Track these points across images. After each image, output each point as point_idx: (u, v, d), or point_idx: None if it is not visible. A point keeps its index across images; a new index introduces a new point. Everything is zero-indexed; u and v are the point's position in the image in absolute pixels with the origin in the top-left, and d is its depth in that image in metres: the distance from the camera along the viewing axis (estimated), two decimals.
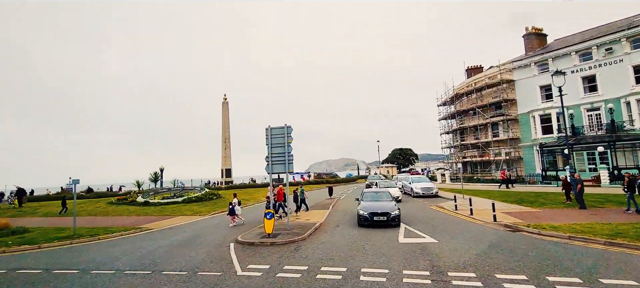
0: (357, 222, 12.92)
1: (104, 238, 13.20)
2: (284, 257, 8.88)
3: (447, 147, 45.27)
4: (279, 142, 12.78)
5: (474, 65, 45.53)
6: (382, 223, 12.21)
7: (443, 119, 44.98)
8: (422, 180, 25.97)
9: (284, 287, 6.60)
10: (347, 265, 7.84)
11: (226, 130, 47.06)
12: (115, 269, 8.41)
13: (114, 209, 22.78)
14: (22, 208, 25.31)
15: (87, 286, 7.19)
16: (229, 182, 45.38)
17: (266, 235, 11.11)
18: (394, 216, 12.35)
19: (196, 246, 10.81)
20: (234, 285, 6.83)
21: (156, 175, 32.25)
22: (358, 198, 15.11)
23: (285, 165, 12.66)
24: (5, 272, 8.67)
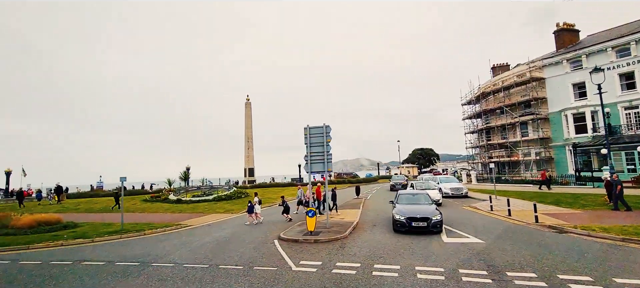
0: (392, 227, 11.90)
1: (149, 234, 13.77)
2: (332, 254, 9.05)
3: (471, 147, 44.36)
4: (317, 141, 12.98)
5: (500, 63, 44.46)
6: (421, 229, 11.06)
7: (467, 118, 44.09)
8: (451, 181, 25.64)
9: (342, 282, 6.75)
10: (399, 263, 7.92)
11: (248, 130, 47.80)
12: (173, 262, 8.81)
13: (149, 206, 23.65)
14: (62, 205, 26.63)
15: (153, 277, 7.58)
16: (252, 181, 46.09)
17: (308, 232, 11.32)
18: (435, 222, 11.10)
19: (241, 242, 11.13)
20: (293, 280, 7.04)
21: (185, 174, 33.27)
22: (392, 201, 14.11)
23: (324, 165, 12.85)
24: (71, 263, 9.24)
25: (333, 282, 6.80)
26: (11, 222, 13.98)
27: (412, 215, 11.29)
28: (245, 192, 29.30)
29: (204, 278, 7.40)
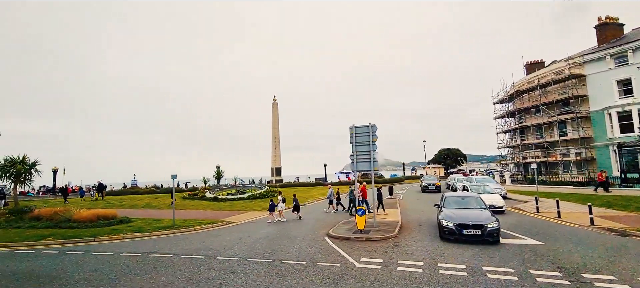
0: (439, 234, 10.63)
1: (199, 229, 14.35)
2: (390, 252, 9.13)
3: (504, 147, 43.00)
4: (363, 140, 13.09)
5: (534, 60, 42.85)
6: (474, 238, 9.72)
7: (499, 118, 42.75)
8: (488, 181, 24.98)
9: (412, 280, 6.84)
10: (463, 262, 7.91)
11: (276, 130, 48.57)
12: (236, 256, 9.19)
13: (189, 203, 24.56)
14: (107, 201, 28.08)
15: (224, 270, 7.95)
16: (279, 181, 46.76)
17: (358, 231, 11.44)
18: (491, 230, 9.59)
19: (292, 239, 11.39)
20: (361, 276, 7.20)
21: (219, 173, 34.32)
22: (437, 204, 12.80)
23: (370, 163, 12.94)
24: (140, 255, 9.82)
25: (403, 279, 6.90)
26: (74, 216, 14.97)
27: (463, 221, 10.03)
28: (279, 191, 29.79)
29: (273, 272, 7.68)
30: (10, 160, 16.25)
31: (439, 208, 12.11)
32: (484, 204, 11.84)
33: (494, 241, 9.64)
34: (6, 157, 16.35)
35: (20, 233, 13.31)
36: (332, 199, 19.16)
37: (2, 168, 15.95)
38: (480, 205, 11.67)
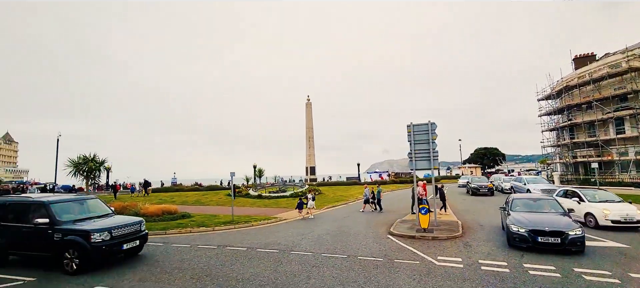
0: (508, 240, 9.57)
1: (256, 225, 14.86)
2: (465, 252, 9.04)
3: (551, 146, 40.81)
4: (422, 138, 12.97)
5: (583, 54, 40.33)
6: (551, 247, 8.62)
7: (545, 115, 40.63)
8: (539, 181, 23.85)
9: (504, 279, 6.75)
10: (550, 263, 7.68)
11: (309, 130, 49.02)
12: (309, 251, 9.47)
13: (235, 201, 25.39)
14: (160, 197, 29.68)
15: (306, 263, 8.24)
16: (314, 180, 47.17)
17: (422, 229, 11.38)
18: (574, 238, 8.44)
19: (354, 236, 11.53)
20: (447, 273, 7.21)
21: (260, 171, 35.34)
22: (504, 207, 11.70)
23: (429, 162, 12.81)
24: (216, 247, 10.37)
25: (493, 278, 6.83)
26: (141, 210, 16.02)
27: (538, 227, 8.91)
28: (319, 189, 30.17)
29: (354, 267, 7.86)
30: (84, 158, 17.69)
31: (505, 211, 11.12)
32: (561, 208, 10.63)
33: (578, 251, 8.58)
34: (79, 156, 17.81)
35: None
36: (367, 199, 19.18)
37: (77, 165, 17.38)
38: (557, 209, 10.49)
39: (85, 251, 7.80)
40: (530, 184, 22.86)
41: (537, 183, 22.88)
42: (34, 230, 8.30)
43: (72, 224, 8.31)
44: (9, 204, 9.15)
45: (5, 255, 8.82)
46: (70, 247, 7.88)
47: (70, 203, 9.25)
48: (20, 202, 9.19)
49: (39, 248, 8.34)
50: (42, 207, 8.59)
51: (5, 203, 9.21)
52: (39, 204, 8.70)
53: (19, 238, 8.60)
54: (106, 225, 8.46)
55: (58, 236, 8.07)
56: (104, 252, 7.97)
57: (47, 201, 8.71)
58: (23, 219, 8.64)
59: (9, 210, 8.99)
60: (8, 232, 8.75)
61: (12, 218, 8.82)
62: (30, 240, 8.44)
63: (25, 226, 8.50)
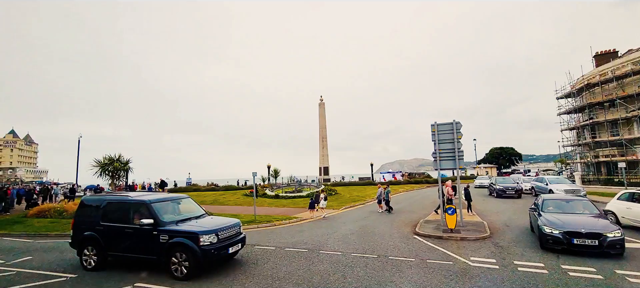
0: (540, 242, 9.23)
1: (279, 225, 14.97)
2: (497, 252, 8.92)
3: (571, 145, 39.81)
4: (446, 138, 12.86)
5: (604, 50, 39.17)
6: (588, 249, 8.31)
7: (565, 113, 39.63)
8: (562, 182, 23.28)
9: (544, 281, 6.64)
10: (590, 265, 7.50)
11: (323, 130, 49.09)
12: (338, 251, 9.51)
13: (252, 201, 25.65)
14: None
15: (336, 263, 8.27)
16: (327, 180, 47.19)
17: (448, 230, 11.27)
18: (612, 241, 8.13)
19: (380, 236, 11.50)
20: (484, 273, 7.14)
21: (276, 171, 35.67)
22: (533, 207, 11.24)
23: (454, 161, 12.69)
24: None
25: (533, 279, 6.74)
26: None
27: (573, 228, 8.60)
28: (335, 190, 30.16)
29: (387, 267, 7.86)
30: (109, 159, 18.14)
31: (535, 212, 10.67)
32: (595, 209, 10.24)
33: (617, 253, 8.23)
34: (105, 156, 18.29)
35: None
36: (381, 199, 19.16)
37: (103, 166, 17.84)
38: (592, 210, 10.10)
39: (195, 255, 7.21)
40: (552, 184, 22.29)
41: (560, 184, 22.30)
42: (137, 231, 7.85)
43: (175, 225, 7.80)
44: (107, 203, 8.65)
45: (105, 256, 8.27)
46: (178, 250, 7.36)
47: (168, 203, 8.72)
48: (119, 201, 8.64)
49: (143, 250, 7.81)
50: (143, 207, 8.09)
51: (102, 202, 8.73)
52: (140, 203, 8.21)
53: (120, 239, 8.11)
54: (212, 226, 7.85)
55: (164, 238, 7.54)
56: (213, 256, 7.40)
57: (149, 200, 8.19)
58: (124, 219, 8.16)
59: (108, 210, 8.52)
60: (108, 232, 8.27)
61: (111, 218, 8.36)
62: (133, 242, 7.94)
63: (128, 227, 8.01)
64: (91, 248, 8.37)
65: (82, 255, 8.47)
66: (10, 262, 9.50)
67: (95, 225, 8.45)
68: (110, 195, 9.16)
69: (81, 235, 8.55)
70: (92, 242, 8.36)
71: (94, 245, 8.34)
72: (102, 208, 8.60)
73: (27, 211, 18.76)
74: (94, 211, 8.70)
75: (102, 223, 8.38)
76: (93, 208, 8.81)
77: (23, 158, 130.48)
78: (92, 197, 9.41)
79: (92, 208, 8.85)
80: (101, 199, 8.91)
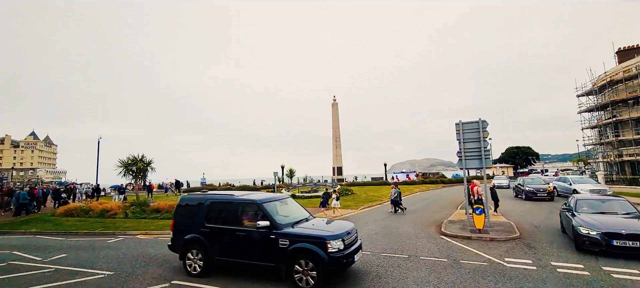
0: (575, 243, 8.98)
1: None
2: (531, 253, 8.75)
3: (592, 144, 38.72)
4: (472, 137, 12.70)
5: (627, 46, 37.97)
6: (629, 251, 7.98)
7: (586, 111, 38.57)
8: (586, 182, 22.63)
9: (587, 283, 6.47)
10: (635, 268, 7.26)
11: (336, 130, 49.01)
12: (367, 251, 9.44)
13: None
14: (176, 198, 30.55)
15: (369, 264, 8.24)
16: (341, 180, 47.11)
17: (476, 230, 11.09)
18: None
19: (406, 236, 11.39)
20: (522, 275, 7.00)
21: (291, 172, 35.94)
22: (566, 208, 10.89)
23: (480, 161, 12.50)
24: None
25: (575, 280, 6.57)
26: None
27: (612, 229, 8.28)
28: (351, 189, 30.10)
29: (421, 267, 7.79)
30: (133, 159, 18.53)
31: (568, 212, 10.29)
32: (633, 208, 9.79)
33: None
34: (128, 156, 18.69)
35: (152, 223, 15.12)
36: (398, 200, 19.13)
37: (127, 166, 18.24)
38: (629, 210, 9.70)
39: (323, 263, 6.32)
40: (576, 184, 21.68)
41: (584, 184, 21.69)
42: (250, 234, 7.09)
43: (291, 228, 7.01)
44: (211, 203, 7.90)
45: (211, 261, 7.50)
46: (303, 257, 6.50)
47: (276, 203, 7.92)
48: (225, 201, 7.90)
49: (258, 256, 6.99)
50: (254, 207, 7.43)
51: (205, 201, 7.98)
52: (250, 203, 7.54)
53: (229, 243, 7.38)
54: (337, 230, 6.95)
55: (284, 243, 6.69)
56: (342, 265, 6.56)
57: (260, 200, 7.53)
58: (232, 221, 7.47)
59: (212, 210, 7.82)
60: (215, 235, 7.56)
61: (217, 220, 7.68)
62: (246, 246, 7.16)
63: (239, 229, 7.29)
64: (196, 252, 7.64)
65: (186, 260, 7.76)
66: (47, 259, 9.80)
67: (199, 227, 7.73)
68: (213, 194, 8.26)
69: (183, 238, 7.86)
70: (197, 246, 7.64)
71: (199, 249, 7.60)
72: (205, 208, 7.87)
73: (55, 210, 19.35)
74: (196, 211, 7.97)
75: (208, 225, 7.67)
76: (194, 209, 8.08)
77: (43, 159, 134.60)
78: (191, 196, 8.59)
79: (193, 208, 8.11)
80: (203, 198, 8.13)
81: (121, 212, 17.24)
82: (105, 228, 14.39)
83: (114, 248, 10.96)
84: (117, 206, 18.28)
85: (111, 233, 13.62)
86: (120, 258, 9.60)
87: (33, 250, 11.09)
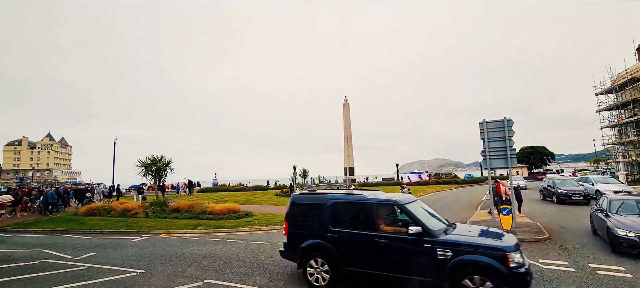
0: (611, 245, 8.70)
1: None
2: (563, 255, 8.54)
3: (612, 144, 37.77)
4: (497, 136, 12.47)
5: None
6: None
7: (605, 110, 37.67)
8: (609, 182, 22.05)
9: (632, 286, 6.26)
10: None
11: (348, 130, 48.89)
12: None
13: (284, 200, 25.85)
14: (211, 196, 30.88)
15: None
16: (353, 180, 46.96)
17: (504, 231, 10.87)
18: None
19: None
20: (560, 278, 6.83)
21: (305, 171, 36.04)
22: (599, 209, 10.51)
23: (506, 160, 12.27)
24: None
25: (620, 283, 6.38)
26: (208, 208, 16.74)
27: None
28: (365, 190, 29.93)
29: None
30: (152, 159, 18.78)
31: (601, 213, 9.99)
32: None
33: None
34: (148, 157, 18.96)
35: (173, 223, 15.28)
36: None
37: (147, 166, 18.50)
38: None
39: (505, 282, 5.14)
40: (599, 185, 21.13)
41: (607, 184, 21.14)
42: (395, 242, 5.95)
43: (447, 235, 5.87)
44: (334, 203, 6.80)
45: (340, 272, 6.40)
46: (474, 272, 5.31)
47: (415, 204, 6.67)
48: (353, 201, 6.80)
49: (406, 269, 5.80)
50: (394, 208, 6.47)
51: (326, 202, 6.89)
52: (389, 204, 6.55)
53: (365, 251, 6.22)
54: (509, 241, 5.79)
55: (444, 254, 5.51)
56: (526, 283, 5.27)
57: (402, 201, 6.38)
58: (368, 225, 6.36)
59: (340, 212, 6.74)
60: (345, 241, 6.43)
61: (346, 223, 6.62)
62: (388, 257, 5.97)
63: (379, 235, 6.11)
64: (321, 261, 6.58)
65: (307, 269, 6.71)
66: (77, 257, 9.98)
67: (323, 231, 6.66)
68: (336, 193, 7.13)
69: (302, 244, 6.83)
70: (321, 253, 6.60)
71: (324, 258, 6.54)
72: (328, 209, 6.78)
73: (77, 209, 19.75)
74: (317, 213, 6.90)
75: (334, 229, 6.57)
76: (314, 210, 7.02)
77: (59, 160, 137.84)
78: (307, 196, 7.60)
79: (312, 209, 7.08)
80: (322, 198, 7.04)
81: (142, 212, 17.48)
82: (128, 228, 14.59)
83: (140, 247, 11.10)
84: (137, 206, 18.55)
85: (135, 233, 13.81)
86: (148, 256, 9.70)
87: (62, 248, 11.31)
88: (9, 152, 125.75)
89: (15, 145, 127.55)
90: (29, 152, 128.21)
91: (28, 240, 13.28)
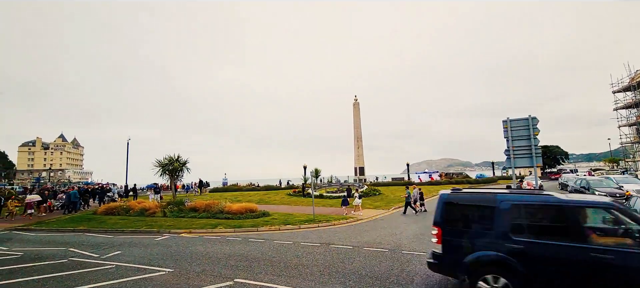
0: None
1: (337, 224, 14.93)
2: None
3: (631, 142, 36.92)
4: (521, 134, 12.27)
5: None
6: None
7: (623, 108, 36.85)
8: (631, 181, 21.52)
9: None
10: None
11: (358, 130, 48.72)
12: (421, 251, 9.30)
13: (296, 200, 25.92)
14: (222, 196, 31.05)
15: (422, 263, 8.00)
16: (363, 180, 46.78)
17: None
18: None
19: None
20: None
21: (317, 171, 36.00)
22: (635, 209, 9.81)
23: (531, 159, 12.06)
24: (320, 245, 10.55)
25: None
26: (225, 208, 16.83)
27: None
28: (378, 190, 29.81)
29: None
30: (169, 159, 18.95)
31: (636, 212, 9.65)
32: None
33: None
34: (165, 157, 19.14)
35: (192, 222, 15.39)
36: (416, 199, 18.87)
37: (164, 166, 18.67)
38: None
39: None
40: (621, 184, 20.68)
41: (630, 184, 20.65)
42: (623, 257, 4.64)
43: None
44: (516, 206, 5.54)
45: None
46: None
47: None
48: (546, 204, 5.48)
49: None
50: (608, 213, 5.28)
51: (500, 203, 5.63)
52: (601, 207, 5.33)
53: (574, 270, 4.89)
54: None
55: None
56: None
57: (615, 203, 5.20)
58: (573, 235, 5.02)
59: (522, 217, 5.51)
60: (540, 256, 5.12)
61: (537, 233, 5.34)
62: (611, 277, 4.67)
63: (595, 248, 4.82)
64: (497, 279, 5.35)
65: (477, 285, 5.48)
66: (103, 256, 10.08)
67: (500, 243, 5.40)
68: (508, 194, 5.79)
69: (469, 256, 5.58)
70: (501, 270, 5.34)
71: (505, 275, 5.28)
72: (504, 214, 5.53)
73: (97, 208, 20.05)
74: (487, 218, 5.73)
75: (519, 239, 5.29)
76: (480, 214, 5.95)
77: (71, 161, 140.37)
78: (467, 195, 6.32)
79: (478, 213, 6.02)
80: (491, 198, 5.82)
81: (159, 211, 17.65)
82: (148, 227, 14.73)
83: (164, 246, 11.18)
84: (154, 205, 18.74)
85: (156, 232, 13.93)
86: (174, 255, 9.76)
87: (87, 247, 11.46)
88: (23, 153, 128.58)
89: (30, 146, 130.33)
90: (42, 152, 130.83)
91: (53, 238, 13.51)
